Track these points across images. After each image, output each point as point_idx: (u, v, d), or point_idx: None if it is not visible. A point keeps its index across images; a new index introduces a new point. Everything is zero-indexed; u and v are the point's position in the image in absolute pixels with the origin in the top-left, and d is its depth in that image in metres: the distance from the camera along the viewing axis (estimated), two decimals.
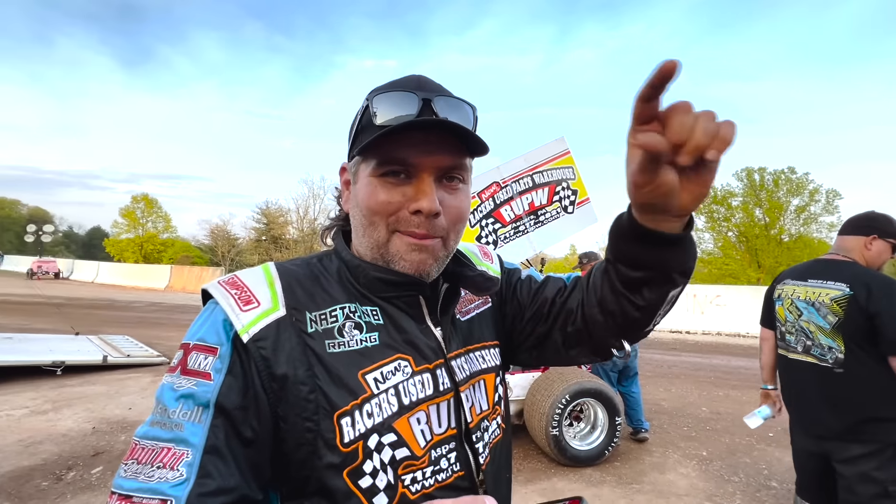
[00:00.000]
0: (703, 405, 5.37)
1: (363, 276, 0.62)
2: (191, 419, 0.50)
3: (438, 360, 0.62)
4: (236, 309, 0.55)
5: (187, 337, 0.56)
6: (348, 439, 0.53)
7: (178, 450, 0.49)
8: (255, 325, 0.54)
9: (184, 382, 0.52)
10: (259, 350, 0.53)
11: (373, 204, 0.59)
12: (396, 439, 0.56)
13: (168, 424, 0.50)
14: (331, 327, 0.58)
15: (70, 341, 7.36)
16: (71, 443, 3.95)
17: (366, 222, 0.60)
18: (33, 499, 3.03)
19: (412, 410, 0.57)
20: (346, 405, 0.54)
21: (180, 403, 0.51)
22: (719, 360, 8.27)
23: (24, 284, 22.45)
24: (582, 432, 3.81)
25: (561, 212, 4.20)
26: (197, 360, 0.53)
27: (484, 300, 0.77)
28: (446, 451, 0.60)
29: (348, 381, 0.55)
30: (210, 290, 0.59)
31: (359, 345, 0.57)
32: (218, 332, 0.54)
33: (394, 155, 0.57)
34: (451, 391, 0.62)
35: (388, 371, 0.57)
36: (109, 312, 13.24)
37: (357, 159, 0.62)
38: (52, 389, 5.41)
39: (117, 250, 36.95)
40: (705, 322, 11.89)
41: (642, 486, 3.36)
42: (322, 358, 0.55)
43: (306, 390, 0.53)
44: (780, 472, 3.62)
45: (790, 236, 20.81)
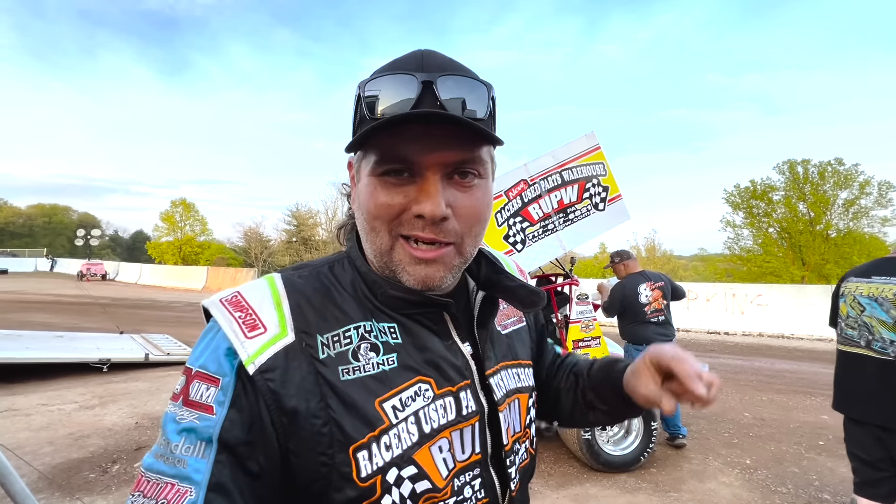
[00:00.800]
0: (745, 410, 5.11)
1: (381, 294, 0.56)
2: (194, 454, 0.47)
3: (464, 381, 0.57)
4: (241, 336, 0.50)
5: (190, 360, 0.52)
6: (365, 474, 0.49)
7: (182, 487, 0.46)
8: (262, 355, 0.49)
9: (185, 415, 0.48)
10: (267, 383, 0.48)
11: (372, 207, 0.53)
12: (417, 472, 0.51)
13: (171, 459, 0.47)
14: (344, 350, 0.52)
15: (115, 340, 7.75)
16: (116, 437, 4.14)
17: (367, 227, 0.54)
18: (81, 490, 3.19)
19: (434, 439, 0.53)
20: (362, 438, 0.49)
21: (182, 437, 0.48)
22: (762, 362, 7.86)
23: (74, 286, 23.85)
24: (616, 437, 3.69)
25: (591, 209, 4.07)
26: (199, 391, 0.49)
27: (519, 318, 0.73)
28: (470, 478, 0.55)
29: (364, 411, 0.50)
30: (211, 310, 0.53)
31: (375, 369, 0.52)
32: (220, 361, 0.50)
33: (393, 151, 0.51)
34: (476, 415, 0.56)
35: (407, 397, 0.52)
36: (151, 312, 13.89)
37: (359, 154, 0.56)
38: (98, 385, 5.70)
39: (158, 253, 38.68)
40: (745, 323, 11.34)
41: (681, 494, 3.21)
42: (335, 387, 0.50)
43: (319, 423, 0.49)
44: (832, 483, 3.38)
45: (838, 232, 19.55)
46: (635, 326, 4.00)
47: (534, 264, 4.00)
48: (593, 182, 4.09)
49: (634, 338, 4.00)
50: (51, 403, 4.97)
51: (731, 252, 22.56)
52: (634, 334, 4.00)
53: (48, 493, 3.11)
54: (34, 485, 3.16)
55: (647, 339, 3.93)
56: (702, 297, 12.16)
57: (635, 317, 3.99)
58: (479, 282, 0.64)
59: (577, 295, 4.15)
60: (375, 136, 0.50)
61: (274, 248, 36.59)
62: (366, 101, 0.51)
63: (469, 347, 0.60)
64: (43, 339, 7.31)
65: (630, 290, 4.03)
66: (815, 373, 7.05)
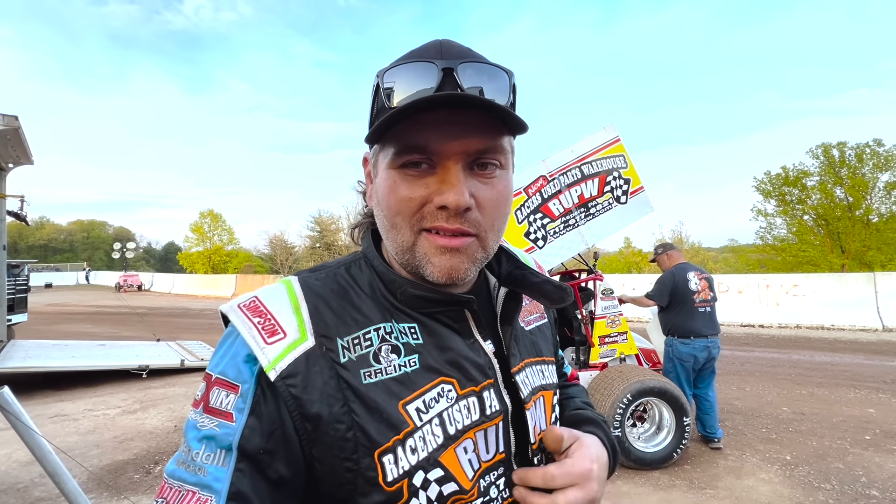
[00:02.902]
0: (783, 405, 4.92)
1: (400, 293, 0.55)
2: (214, 462, 0.46)
3: (487, 380, 0.56)
4: (260, 342, 0.49)
5: (210, 366, 0.51)
6: (391, 478, 0.48)
7: (203, 495, 0.45)
8: (283, 360, 0.48)
9: (206, 422, 0.48)
10: (289, 389, 0.47)
11: (393, 202, 0.51)
12: (443, 474, 0.50)
13: (192, 467, 0.47)
14: (365, 353, 0.51)
15: (152, 347, 8.08)
16: (157, 439, 4.32)
17: (388, 224, 0.53)
18: (128, 489, 3.34)
19: (458, 440, 0.52)
20: (387, 442, 0.48)
21: (203, 445, 0.47)
22: (800, 355, 7.55)
23: (113, 297, 24.96)
24: (647, 433, 3.61)
25: (613, 202, 4.01)
26: (218, 398, 0.48)
27: (541, 314, 0.71)
28: (495, 477, 0.54)
29: (388, 414, 0.49)
30: (230, 316, 0.52)
31: (397, 371, 0.51)
32: (239, 367, 0.49)
33: (412, 141, 0.49)
34: (500, 414, 0.55)
35: (430, 398, 0.51)
36: (185, 320, 14.40)
37: (375, 148, 0.54)
38: (139, 391, 5.96)
39: (189, 262, 39.95)
40: (781, 314, 10.89)
41: (717, 491, 3.12)
42: (358, 391, 0.49)
43: (343, 428, 0.48)
44: (881, 479, 3.22)
45: (880, 216, 18.50)
46: (683, 316, 3.88)
47: (556, 260, 3.96)
48: (614, 175, 4.02)
49: (681, 329, 3.88)
50: (96, 409, 5.23)
51: (763, 242, 21.68)
52: (682, 325, 3.88)
53: (97, 493, 3.28)
54: (84, 485, 3.34)
55: (695, 332, 3.82)
56: (734, 290, 11.75)
57: (684, 305, 3.88)
58: (501, 278, 0.63)
59: (601, 290, 4.09)
60: (394, 126, 0.48)
61: (299, 254, 37.33)
62: (384, 90, 0.50)
63: (491, 345, 0.58)
64: (86, 348, 7.69)
65: (680, 276, 3.93)
66: (858, 364, 6.72)
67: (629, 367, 3.83)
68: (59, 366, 6.21)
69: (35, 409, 5.06)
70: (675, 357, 3.88)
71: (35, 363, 6.13)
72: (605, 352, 3.99)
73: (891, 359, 7.07)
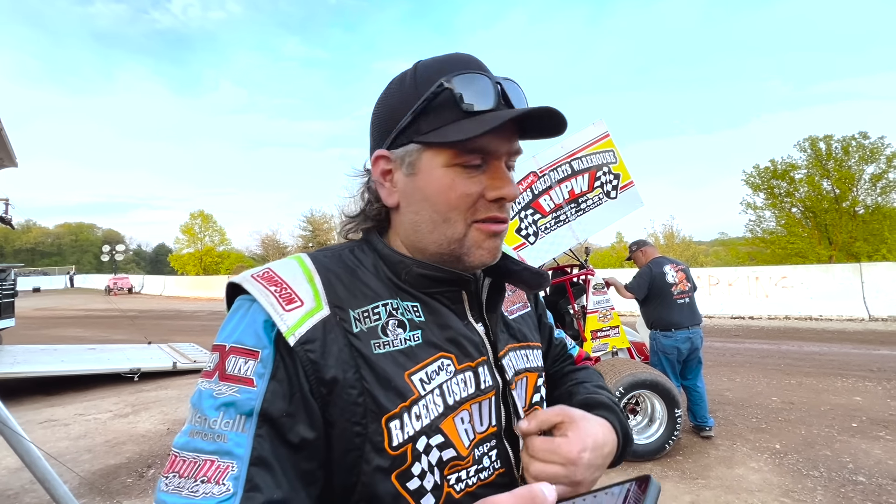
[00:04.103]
0: (772, 395, 5.00)
1: (405, 272, 0.59)
2: (234, 429, 0.47)
3: (481, 357, 0.60)
4: (279, 308, 0.51)
5: (221, 338, 0.52)
6: (397, 442, 0.51)
7: (223, 462, 0.45)
8: (301, 327, 0.50)
9: (224, 389, 0.48)
10: (307, 353, 0.50)
11: (453, 198, 0.55)
12: (443, 440, 0.54)
13: (209, 435, 0.47)
14: (374, 326, 0.54)
15: (144, 350, 8.00)
16: (149, 443, 4.29)
17: (439, 218, 0.57)
18: (120, 494, 3.32)
19: (456, 410, 0.56)
20: (394, 408, 0.51)
21: (221, 412, 0.47)
22: (789, 345, 7.67)
23: (103, 300, 24.63)
24: (639, 426, 3.65)
25: (603, 197, 4.03)
26: (236, 365, 0.49)
27: (524, 303, 0.76)
28: (487, 449, 0.58)
29: (396, 382, 0.52)
30: (245, 285, 0.53)
31: (403, 344, 0.55)
32: (258, 333, 0.50)
33: (478, 145, 0.54)
34: (492, 389, 0.60)
35: (431, 371, 0.55)
36: (176, 322, 14.27)
37: (416, 147, 0.56)
38: (131, 394, 5.90)
39: (180, 264, 39.56)
40: (770, 306, 11.04)
41: (708, 481, 3.17)
42: (369, 359, 0.52)
43: (355, 394, 0.51)
44: (867, 465, 3.29)
45: (866, 208, 18.80)
46: (664, 310, 3.93)
47: (547, 256, 3.99)
48: (604, 170, 4.05)
49: (663, 322, 3.92)
50: (87, 413, 5.17)
51: (752, 235, 21.95)
52: (662, 318, 3.93)
53: (90, 498, 3.25)
54: (76, 490, 3.31)
55: (676, 324, 3.87)
56: (724, 282, 11.89)
57: (663, 298, 3.92)
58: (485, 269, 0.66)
59: (593, 285, 4.12)
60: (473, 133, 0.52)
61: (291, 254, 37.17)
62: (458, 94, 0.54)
63: (482, 328, 0.63)
64: (76, 352, 7.61)
65: (657, 270, 3.97)
66: (845, 354, 6.84)
67: (621, 360, 3.87)
68: (49, 370, 6.13)
69: (24, 414, 4.99)
70: (660, 350, 3.93)
71: (23, 368, 6.05)
72: (598, 346, 4.02)
73: (876, 347, 7.21)
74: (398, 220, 0.62)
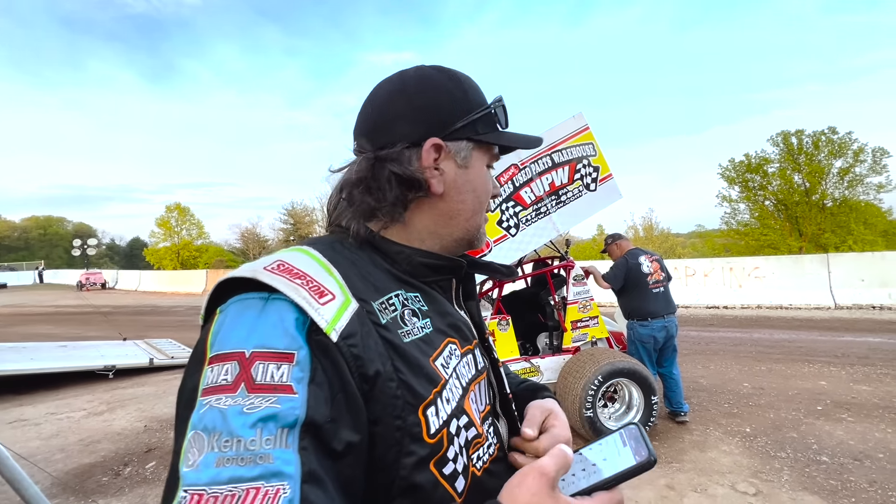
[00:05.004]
0: (744, 381, 5.19)
1: (406, 262, 0.60)
2: (277, 445, 0.41)
3: (475, 340, 0.65)
4: (313, 303, 0.47)
5: (232, 344, 0.45)
6: (434, 429, 0.51)
7: (271, 486, 0.39)
8: (340, 321, 0.47)
9: (257, 402, 0.41)
10: (350, 349, 0.47)
11: (489, 191, 0.67)
12: (468, 420, 0.56)
13: (249, 459, 0.40)
14: (395, 316, 0.54)
15: (119, 346, 7.79)
16: (126, 440, 4.20)
17: (479, 207, 0.65)
18: (95, 493, 3.24)
19: (468, 391, 0.59)
20: (429, 395, 0.52)
21: (258, 429, 0.41)
22: (760, 333, 7.95)
23: (75, 296, 23.84)
24: (617, 413, 3.75)
25: (583, 190, 4.08)
26: (267, 373, 0.43)
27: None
28: (488, 425, 0.62)
29: (427, 370, 0.53)
30: (263, 278, 0.48)
31: (420, 332, 0.56)
32: (289, 332, 0.45)
33: (498, 153, 0.68)
34: (485, 369, 0.65)
35: (446, 355, 0.57)
36: (153, 318, 13.92)
37: (469, 145, 0.63)
38: (105, 392, 5.75)
39: (156, 259, 38.49)
40: (743, 296, 11.40)
41: (682, 464, 3.28)
42: (400, 349, 0.52)
43: (394, 386, 0.49)
44: (830, 446, 3.46)
45: (833, 201, 19.52)
46: (640, 299, 4.02)
47: (528, 247, 4.02)
48: (584, 163, 4.09)
49: (640, 312, 4.02)
50: (59, 412, 5.02)
51: (728, 227, 22.57)
52: (639, 308, 4.03)
53: (63, 498, 3.17)
54: (48, 490, 3.22)
55: (652, 313, 3.97)
56: (700, 273, 12.22)
57: (639, 288, 4.02)
58: None
59: (573, 276, 4.18)
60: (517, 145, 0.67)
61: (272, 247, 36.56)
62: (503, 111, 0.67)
63: (466, 313, 0.68)
64: (46, 350, 7.35)
65: (633, 261, 4.06)
66: (812, 340, 7.13)
67: (600, 349, 3.95)
68: (17, 369, 5.90)
69: None
70: (637, 339, 4.03)
71: None
72: (578, 336, 4.09)
73: (841, 334, 7.53)
74: (432, 208, 0.62)
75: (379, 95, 0.64)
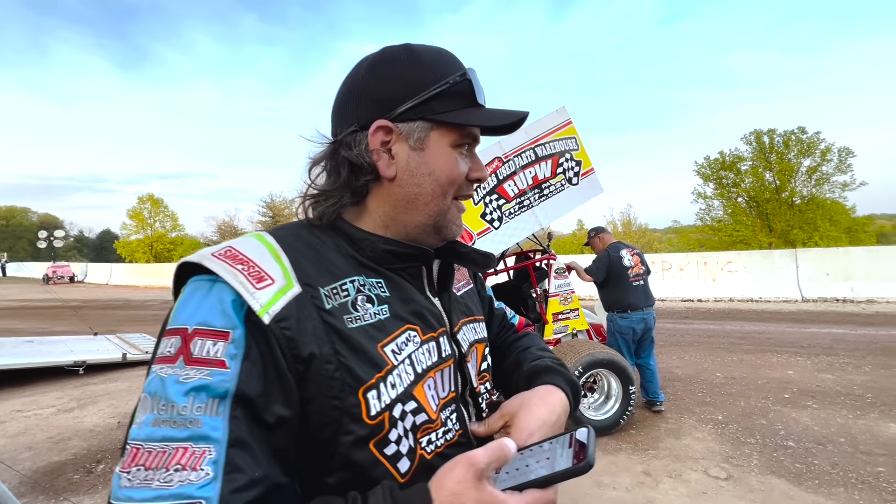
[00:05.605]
0: (717, 371, 5.37)
1: (370, 249, 0.61)
2: (208, 413, 0.46)
3: (441, 328, 0.65)
4: (249, 287, 0.50)
5: (180, 321, 0.50)
6: (375, 412, 0.53)
7: (198, 448, 0.44)
8: (275, 304, 0.50)
9: (192, 373, 0.47)
10: (283, 331, 0.50)
11: (455, 174, 0.62)
12: (416, 406, 0.58)
13: (180, 422, 0.45)
14: (344, 302, 0.56)
15: (89, 341, 7.53)
16: (98, 437, 4.07)
17: (438, 192, 0.61)
18: (67, 491, 3.14)
19: (424, 378, 0.60)
20: (370, 379, 0.54)
21: (191, 397, 0.46)
22: (732, 325, 8.23)
23: (41, 290, 22.85)
24: (596, 403, 3.83)
25: (565, 183, 4.13)
26: (203, 348, 0.48)
27: (468, 280, 0.82)
28: (450, 412, 0.63)
29: (371, 354, 0.55)
30: (206, 263, 0.52)
31: (373, 318, 0.57)
32: (226, 313, 0.49)
33: (473, 132, 0.63)
34: (451, 357, 0.64)
35: (401, 342, 0.58)
36: (125, 312, 13.50)
37: (425, 125, 0.59)
38: (76, 388, 5.56)
39: (128, 251, 37.29)
40: (717, 289, 11.79)
41: (658, 451, 3.38)
42: (343, 334, 0.54)
43: (332, 368, 0.52)
44: (796, 431, 3.62)
45: (802, 198, 20.31)
46: (620, 292, 4.11)
47: (511, 240, 4.05)
48: (566, 157, 4.13)
49: (620, 304, 4.11)
50: (26, 409, 4.83)
51: (703, 223, 23.23)
52: (619, 300, 4.11)
53: (32, 497, 3.06)
54: (16, 489, 3.10)
55: (632, 305, 4.05)
56: (675, 267, 12.56)
57: (620, 281, 4.10)
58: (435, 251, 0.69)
59: (555, 269, 4.24)
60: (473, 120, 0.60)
61: None
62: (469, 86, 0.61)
63: (439, 303, 0.68)
64: (12, 345, 7.03)
65: (614, 254, 4.14)
66: (781, 332, 7.43)
67: (580, 341, 4.03)
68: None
69: None
70: (616, 331, 4.13)
71: None
72: (559, 328, 4.16)
73: (808, 326, 7.87)
74: (387, 193, 0.62)
75: (343, 80, 0.65)
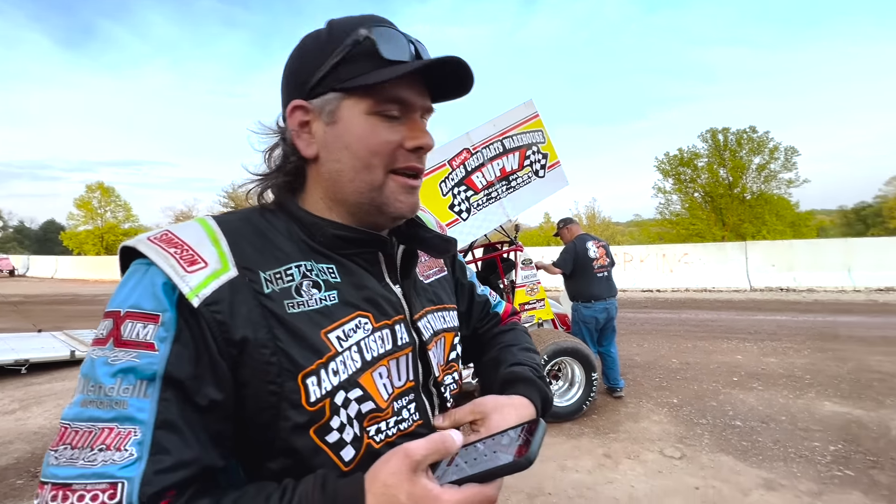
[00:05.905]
0: (673, 357, 5.65)
1: (320, 234, 0.59)
2: (134, 395, 0.45)
3: (398, 315, 0.62)
4: (180, 270, 0.49)
5: (115, 304, 0.50)
6: (314, 398, 0.52)
7: (123, 429, 0.44)
8: (206, 288, 0.49)
9: (120, 355, 0.47)
10: (213, 315, 0.49)
11: (374, 144, 0.56)
12: (362, 394, 0.55)
13: (106, 403, 0.45)
14: (287, 287, 0.54)
15: (32, 339, 7.04)
16: (44, 440, 3.83)
17: (360, 165, 0.57)
18: (8, 497, 2.95)
19: (374, 366, 0.57)
20: (310, 365, 0.52)
21: (118, 379, 0.46)
22: (688, 314, 8.66)
23: None
24: (560, 390, 3.95)
25: (532, 176, 4.19)
26: (133, 330, 0.47)
27: (441, 268, 0.78)
28: (406, 402, 0.61)
29: (312, 340, 0.53)
30: (140, 247, 0.51)
31: (318, 304, 0.55)
32: (157, 296, 0.49)
33: (396, 94, 0.56)
34: (409, 346, 0.62)
35: (349, 329, 0.56)
36: (73, 307, 12.70)
37: (336, 96, 0.56)
38: (17, 389, 5.20)
39: (76, 243, 35.08)
40: (674, 280, 12.37)
41: (618, 434, 3.53)
42: (282, 318, 0.52)
43: (268, 353, 0.51)
44: (743, 411, 3.87)
45: (752, 194, 21.55)
46: (585, 283, 4.23)
47: (479, 232, 4.08)
48: (533, 149, 4.19)
49: (584, 295, 4.23)
50: None
51: (662, 216, 24.24)
52: (584, 291, 4.24)
53: None
54: None
55: (595, 296, 4.19)
56: (636, 259, 13.07)
57: (585, 272, 4.22)
58: (399, 236, 0.68)
59: (521, 260, 4.31)
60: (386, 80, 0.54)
61: None
62: (379, 45, 0.55)
63: (399, 290, 0.65)
64: None
65: (580, 246, 4.26)
66: (731, 320, 7.89)
67: (546, 330, 4.13)
68: None
69: None
70: (580, 320, 4.26)
71: None
72: (525, 318, 4.24)
73: (755, 313, 8.40)
74: (316, 173, 0.61)
75: None
